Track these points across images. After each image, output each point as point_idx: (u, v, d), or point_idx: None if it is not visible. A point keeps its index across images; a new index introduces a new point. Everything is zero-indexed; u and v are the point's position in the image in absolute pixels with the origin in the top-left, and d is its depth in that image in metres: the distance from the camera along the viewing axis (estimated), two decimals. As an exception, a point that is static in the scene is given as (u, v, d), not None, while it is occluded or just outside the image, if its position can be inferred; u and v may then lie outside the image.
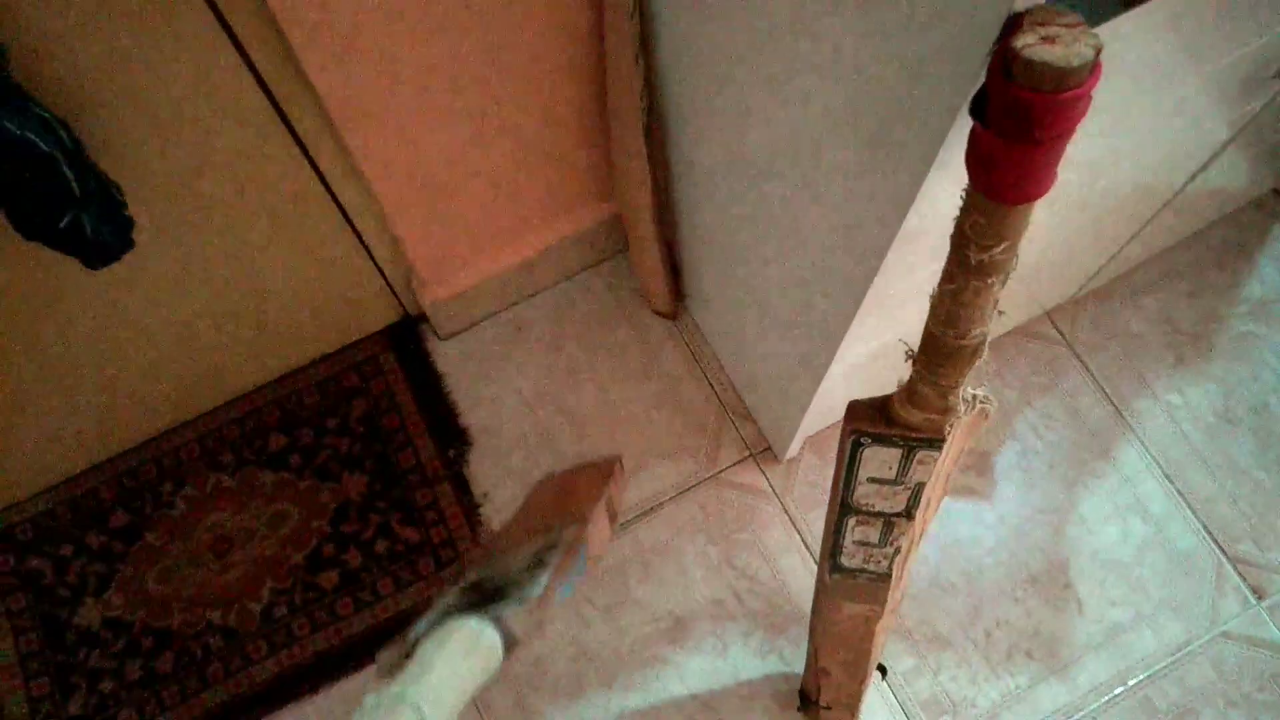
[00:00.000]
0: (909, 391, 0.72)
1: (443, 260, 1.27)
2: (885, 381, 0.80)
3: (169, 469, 1.37)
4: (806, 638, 1.25)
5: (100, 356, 1.17)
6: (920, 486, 0.80)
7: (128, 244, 0.88)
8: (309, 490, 1.36)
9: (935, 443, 0.74)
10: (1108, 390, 1.41)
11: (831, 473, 0.84)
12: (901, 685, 1.27)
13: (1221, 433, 1.38)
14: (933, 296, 0.64)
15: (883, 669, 1.26)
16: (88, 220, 0.81)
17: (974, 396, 0.73)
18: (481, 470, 1.38)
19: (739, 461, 1.38)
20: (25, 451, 1.28)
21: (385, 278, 1.32)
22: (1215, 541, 1.33)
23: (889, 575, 0.93)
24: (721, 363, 1.42)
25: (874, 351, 1.05)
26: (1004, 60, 0.46)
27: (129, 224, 0.87)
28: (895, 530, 0.86)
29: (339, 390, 1.41)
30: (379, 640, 1.29)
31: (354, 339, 1.43)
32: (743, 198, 1.03)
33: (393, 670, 0.69)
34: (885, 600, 0.97)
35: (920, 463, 0.77)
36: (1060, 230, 1.06)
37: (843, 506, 0.85)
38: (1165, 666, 1.27)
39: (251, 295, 1.22)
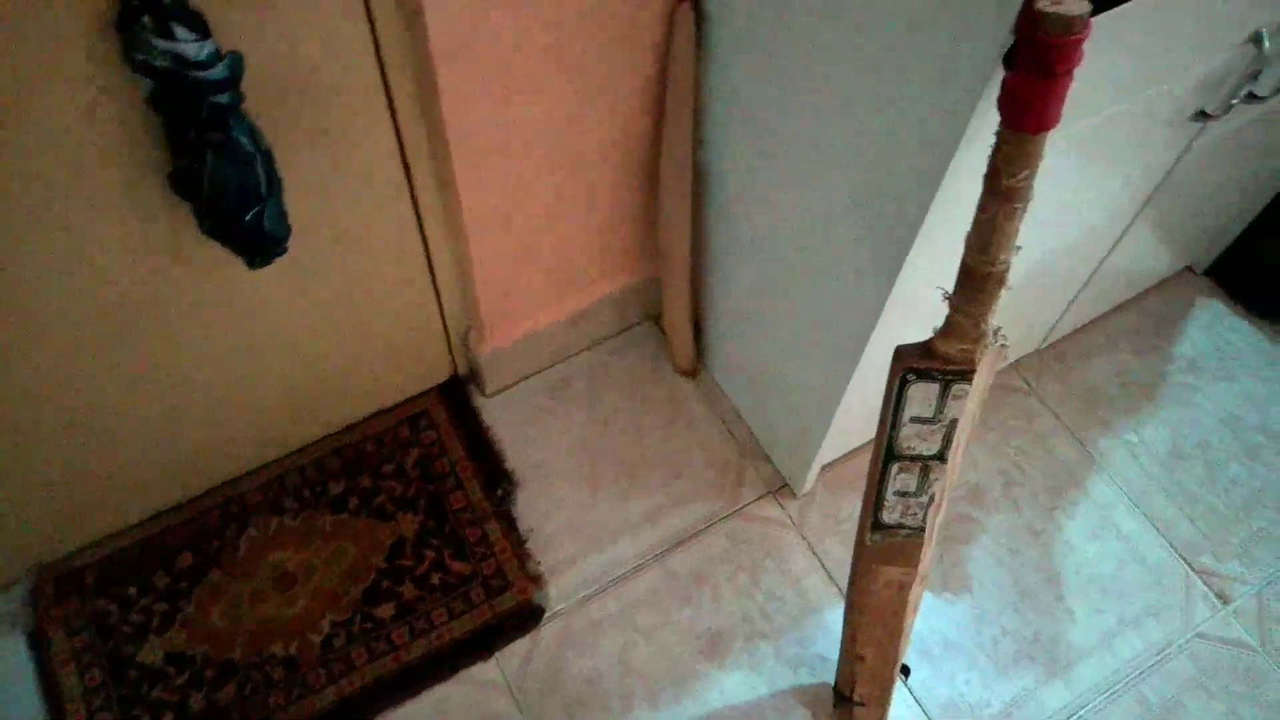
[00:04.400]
0: (946, 326, 0.91)
1: (502, 308, 1.45)
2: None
3: (234, 513, 1.47)
4: (835, 649, 1.37)
5: (218, 374, 1.30)
6: (954, 424, 0.98)
7: (284, 247, 1.04)
8: (366, 529, 1.47)
9: (967, 374, 0.93)
10: (1074, 431, 1.62)
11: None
12: (921, 689, 1.38)
13: (1174, 465, 1.59)
14: (968, 233, 0.84)
15: (906, 670, 1.38)
16: (268, 215, 0.98)
17: (996, 330, 0.92)
18: (527, 508, 1.50)
19: (760, 497, 1.53)
20: (99, 492, 1.37)
21: (446, 330, 1.49)
22: (1181, 556, 1.50)
23: (923, 529, 1.08)
24: (740, 413, 1.60)
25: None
26: (1029, 18, 0.69)
27: (289, 228, 1.04)
28: (930, 476, 1.03)
29: (394, 440, 1.55)
30: (433, 668, 1.37)
31: (408, 395, 1.58)
32: (770, 232, 1.25)
33: None
34: (918, 559, 1.12)
35: (955, 397, 0.95)
36: (1023, 280, 1.29)
37: (887, 454, 1.02)
38: (1152, 665, 1.41)
39: (329, 340, 1.38)
